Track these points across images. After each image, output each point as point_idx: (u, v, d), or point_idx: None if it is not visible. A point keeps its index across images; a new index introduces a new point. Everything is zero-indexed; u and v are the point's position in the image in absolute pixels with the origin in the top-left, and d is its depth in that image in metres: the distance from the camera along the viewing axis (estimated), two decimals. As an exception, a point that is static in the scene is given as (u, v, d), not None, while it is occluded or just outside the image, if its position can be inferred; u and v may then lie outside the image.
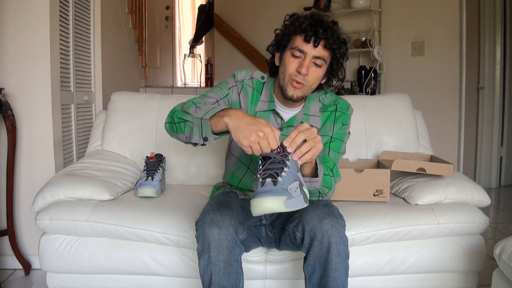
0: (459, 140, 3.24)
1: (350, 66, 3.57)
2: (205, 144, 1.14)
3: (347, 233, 1.43)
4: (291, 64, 1.27)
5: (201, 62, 5.11)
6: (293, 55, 1.27)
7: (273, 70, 1.39)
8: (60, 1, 2.02)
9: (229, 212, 1.20)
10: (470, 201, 1.61)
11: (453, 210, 1.55)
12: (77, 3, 2.24)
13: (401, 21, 3.36)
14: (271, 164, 1.02)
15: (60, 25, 2.03)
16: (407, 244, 1.52)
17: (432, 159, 1.89)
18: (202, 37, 5.13)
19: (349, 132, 1.44)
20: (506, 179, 3.79)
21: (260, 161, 1.06)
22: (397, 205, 1.63)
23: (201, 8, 4.99)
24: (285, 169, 1.01)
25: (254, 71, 1.43)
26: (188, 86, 5.68)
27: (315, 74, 1.28)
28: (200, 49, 5.49)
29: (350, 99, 2.13)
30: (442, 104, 3.25)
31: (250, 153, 1.04)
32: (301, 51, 1.25)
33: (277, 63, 1.36)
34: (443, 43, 3.21)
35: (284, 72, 1.28)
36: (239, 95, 1.40)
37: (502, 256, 1.26)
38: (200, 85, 5.27)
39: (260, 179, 1.02)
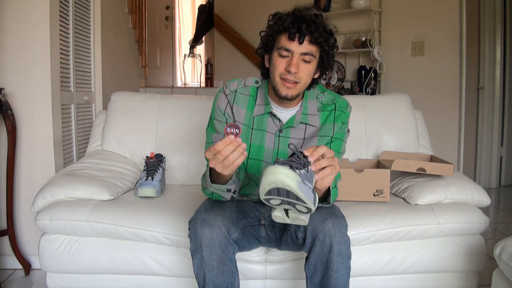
0: (459, 140, 3.24)
1: (350, 66, 3.57)
2: (236, 191, 1.27)
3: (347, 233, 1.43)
4: (279, 64, 1.25)
5: (201, 62, 5.11)
6: (280, 55, 1.25)
7: (265, 72, 1.37)
8: (60, 1, 2.02)
9: (221, 212, 1.21)
10: (470, 201, 1.61)
11: (453, 210, 1.55)
12: (77, 3, 2.24)
13: (401, 21, 3.36)
14: (292, 161, 1.01)
15: (60, 25, 2.03)
16: (407, 244, 1.52)
17: (432, 159, 1.89)
18: (202, 37, 5.13)
19: (349, 130, 1.42)
20: (506, 179, 3.79)
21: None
22: (397, 205, 1.63)
23: (201, 8, 4.99)
24: (304, 170, 1.00)
25: (247, 78, 1.40)
26: (188, 86, 5.68)
27: (306, 70, 1.26)
28: (200, 49, 5.49)
29: (350, 99, 2.12)
30: (442, 104, 3.25)
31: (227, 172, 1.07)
32: (287, 50, 1.23)
33: (267, 65, 1.33)
34: (443, 43, 3.21)
35: (274, 72, 1.27)
36: (232, 109, 1.36)
37: (502, 256, 1.26)
38: (200, 85, 5.27)
39: (280, 161, 1.00)
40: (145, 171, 1.73)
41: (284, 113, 1.36)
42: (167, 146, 1.96)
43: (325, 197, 1.23)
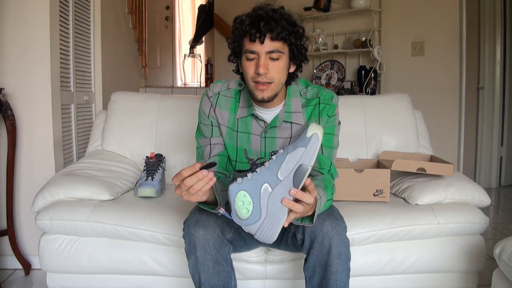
0: (459, 140, 3.24)
1: (350, 66, 3.57)
2: (222, 210, 1.13)
3: (347, 233, 1.43)
4: (249, 68, 1.23)
5: (201, 62, 5.12)
6: (248, 59, 1.22)
7: (243, 77, 1.34)
8: (60, 1, 2.03)
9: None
10: (470, 201, 1.61)
11: (453, 210, 1.55)
12: (77, 3, 2.24)
13: (401, 21, 3.36)
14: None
15: (60, 25, 2.03)
16: (407, 244, 1.52)
17: (432, 159, 1.89)
18: (202, 37, 5.13)
19: (340, 122, 1.38)
20: (506, 179, 3.79)
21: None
22: (397, 205, 1.63)
23: (201, 8, 4.99)
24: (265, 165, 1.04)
25: (231, 80, 1.38)
26: (188, 86, 5.68)
27: (276, 68, 1.22)
28: (200, 49, 5.49)
29: (350, 99, 2.13)
30: (442, 104, 3.24)
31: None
32: (252, 52, 1.21)
33: (241, 70, 1.31)
34: (443, 43, 3.21)
35: (247, 78, 1.25)
36: (215, 112, 1.35)
37: (502, 256, 1.26)
38: (200, 85, 5.27)
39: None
40: (145, 171, 1.73)
41: (268, 114, 1.33)
42: (167, 146, 1.96)
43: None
